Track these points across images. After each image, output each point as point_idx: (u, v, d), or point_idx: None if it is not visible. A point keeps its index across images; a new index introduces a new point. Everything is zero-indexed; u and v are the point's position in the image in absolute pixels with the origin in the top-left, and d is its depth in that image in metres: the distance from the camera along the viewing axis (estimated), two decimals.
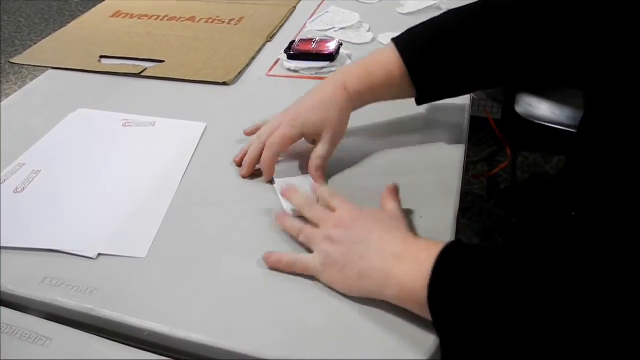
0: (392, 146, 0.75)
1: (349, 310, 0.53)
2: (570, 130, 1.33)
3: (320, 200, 0.62)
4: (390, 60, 0.69)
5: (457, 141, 0.76)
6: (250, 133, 0.75)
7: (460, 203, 0.67)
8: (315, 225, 0.59)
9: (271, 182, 0.69)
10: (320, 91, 0.70)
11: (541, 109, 1.35)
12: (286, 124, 0.69)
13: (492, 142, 1.89)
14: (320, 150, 0.68)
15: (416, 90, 0.70)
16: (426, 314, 0.49)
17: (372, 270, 0.52)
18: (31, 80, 0.98)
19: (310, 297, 0.54)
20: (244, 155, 0.71)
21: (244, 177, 0.70)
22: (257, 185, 0.69)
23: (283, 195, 0.64)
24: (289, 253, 0.58)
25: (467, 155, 0.79)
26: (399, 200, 0.62)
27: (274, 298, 0.55)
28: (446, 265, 0.48)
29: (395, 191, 0.63)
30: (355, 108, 0.71)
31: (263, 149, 0.68)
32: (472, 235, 1.62)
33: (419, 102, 0.72)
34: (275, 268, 0.57)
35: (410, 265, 0.50)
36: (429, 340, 0.50)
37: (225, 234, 0.62)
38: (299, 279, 0.56)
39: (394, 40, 0.70)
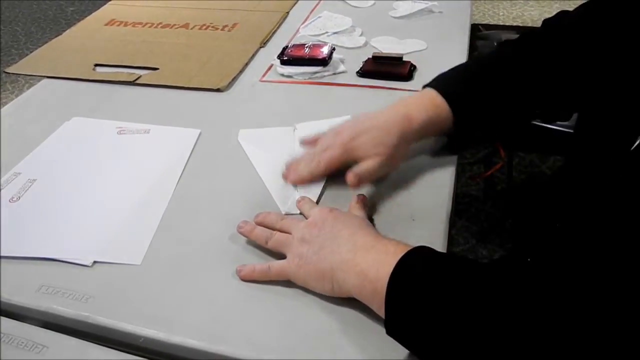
0: None
1: (342, 314, 0.53)
2: (565, 130, 1.34)
3: (302, 212, 0.64)
4: (432, 95, 0.69)
5: (450, 142, 0.76)
6: (306, 143, 0.74)
7: (456, 205, 0.67)
8: (286, 232, 0.59)
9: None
10: (382, 116, 0.68)
11: None
12: (338, 146, 0.67)
13: (487, 144, 1.89)
14: (364, 166, 0.65)
15: (454, 117, 0.68)
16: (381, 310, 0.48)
17: (341, 262, 0.52)
18: (28, 89, 0.98)
19: (304, 301, 0.55)
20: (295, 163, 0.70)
21: (292, 183, 0.69)
22: (252, 191, 0.70)
23: (256, 221, 0.63)
24: (260, 263, 0.58)
25: (464, 157, 0.80)
26: (366, 210, 0.63)
27: (268, 303, 0.55)
28: (407, 265, 0.48)
29: (364, 202, 0.64)
30: (416, 140, 0.69)
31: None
32: (469, 237, 1.62)
33: (457, 132, 0.71)
34: (249, 279, 0.57)
35: (377, 255, 0.51)
36: None
37: (219, 240, 0.63)
38: (291, 283, 0.56)
39: (426, 85, 0.71)
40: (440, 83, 0.71)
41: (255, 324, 0.53)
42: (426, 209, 0.65)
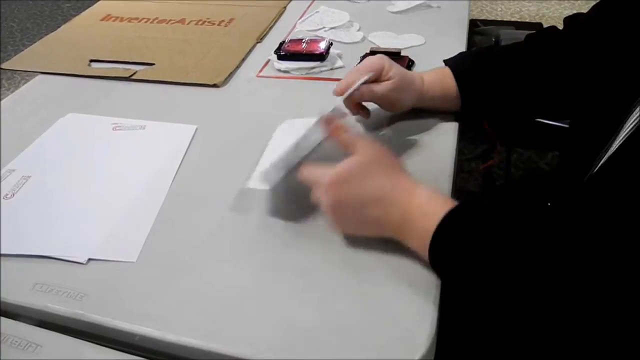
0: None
1: (340, 312, 0.53)
2: (563, 126, 1.33)
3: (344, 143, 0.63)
4: (445, 71, 0.77)
5: (448, 139, 0.76)
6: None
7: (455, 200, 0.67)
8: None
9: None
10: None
11: None
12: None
13: (486, 139, 1.89)
14: (377, 86, 0.72)
15: (461, 101, 0.77)
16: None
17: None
18: (24, 85, 0.98)
19: (300, 299, 0.54)
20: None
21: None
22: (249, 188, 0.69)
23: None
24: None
25: (462, 153, 0.80)
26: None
27: (264, 301, 0.54)
28: (448, 226, 0.54)
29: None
30: (420, 95, 0.76)
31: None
32: None
33: (464, 114, 0.79)
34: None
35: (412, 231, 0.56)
36: (421, 340, 0.50)
37: (215, 236, 0.62)
38: (289, 281, 0.56)
39: (445, 60, 0.79)
40: (455, 61, 0.78)
41: (251, 322, 0.52)
42: None
